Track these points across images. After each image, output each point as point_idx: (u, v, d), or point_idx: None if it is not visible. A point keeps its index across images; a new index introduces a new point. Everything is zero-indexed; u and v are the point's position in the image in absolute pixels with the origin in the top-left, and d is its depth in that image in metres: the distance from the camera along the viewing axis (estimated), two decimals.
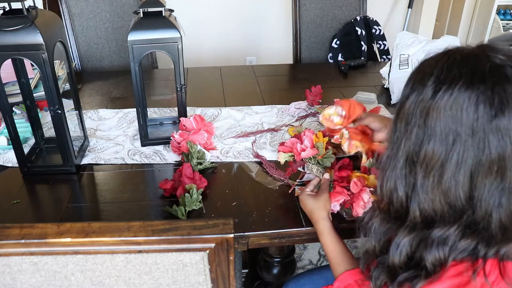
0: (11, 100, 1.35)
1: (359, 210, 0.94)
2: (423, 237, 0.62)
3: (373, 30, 2.15)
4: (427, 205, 0.61)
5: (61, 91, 1.21)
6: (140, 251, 0.61)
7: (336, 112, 1.04)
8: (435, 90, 0.59)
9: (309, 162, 1.04)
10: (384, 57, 2.19)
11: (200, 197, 1.00)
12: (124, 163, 1.19)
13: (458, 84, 0.57)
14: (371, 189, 0.96)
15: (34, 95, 1.24)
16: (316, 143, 1.05)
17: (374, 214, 0.71)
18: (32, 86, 1.38)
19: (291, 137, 1.12)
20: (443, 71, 0.59)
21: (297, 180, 1.07)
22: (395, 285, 0.65)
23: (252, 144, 1.27)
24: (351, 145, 1.02)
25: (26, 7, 0.98)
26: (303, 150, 1.03)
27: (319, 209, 0.92)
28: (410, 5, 2.94)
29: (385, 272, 0.67)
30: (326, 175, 1.00)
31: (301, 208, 0.98)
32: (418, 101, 0.60)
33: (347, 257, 0.84)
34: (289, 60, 2.26)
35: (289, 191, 1.05)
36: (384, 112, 1.47)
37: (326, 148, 1.06)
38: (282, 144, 1.10)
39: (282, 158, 1.08)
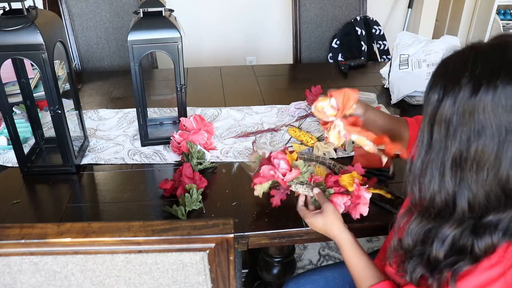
0: (11, 100, 1.35)
1: (364, 209, 0.92)
2: (472, 226, 0.63)
3: (373, 30, 2.15)
4: (480, 197, 0.61)
5: (61, 91, 1.21)
6: (140, 251, 0.61)
7: (330, 104, 0.97)
8: (474, 88, 0.58)
9: (292, 183, 0.96)
10: (384, 57, 2.19)
11: (200, 197, 1.00)
12: (124, 163, 1.19)
13: (499, 77, 0.56)
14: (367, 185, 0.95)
15: (34, 95, 1.24)
16: (292, 163, 0.96)
17: (411, 218, 0.70)
18: (32, 86, 1.38)
19: (257, 167, 1.00)
20: (477, 66, 0.58)
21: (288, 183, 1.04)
22: (435, 275, 0.65)
23: (252, 144, 1.27)
24: (340, 137, 0.95)
25: (26, 7, 0.98)
26: (284, 174, 0.94)
27: (332, 223, 0.87)
28: (410, 5, 2.94)
29: (423, 264, 0.67)
30: (316, 190, 0.93)
31: None
32: (457, 102, 0.59)
33: (371, 271, 0.81)
34: (289, 60, 2.26)
35: (289, 193, 1.05)
36: (384, 111, 1.47)
37: (296, 159, 0.99)
38: (256, 176, 0.97)
39: (260, 190, 0.97)
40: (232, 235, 0.61)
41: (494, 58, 0.58)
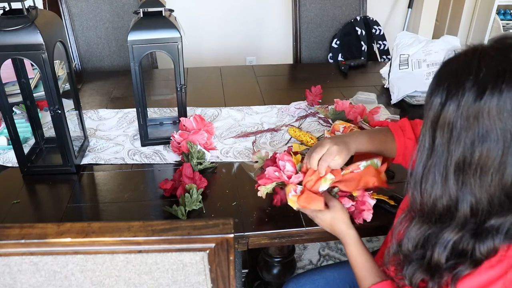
0: (11, 100, 1.35)
1: (367, 215, 0.92)
2: (473, 230, 0.62)
3: (373, 30, 2.16)
4: (484, 201, 0.60)
5: (61, 91, 1.21)
6: (140, 251, 0.61)
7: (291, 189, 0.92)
8: (479, 92, 0.57)
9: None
10: (384, 57, 2.19)
11: (200, 197, 1.00)
12: (124, 163, 1.19)
13: (505, 80, 0.56)
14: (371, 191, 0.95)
15: (34, 95, 1.24)
16: (298, 165, 0.96)
17: (411, 223, 0.69)
18: (32, 86, 1.38)
19: (260, 167, 1.00)
20: (481, 70, 0.57)
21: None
22: (436, 278, 0.65)
23: (252, 144, 1.27)
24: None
25: (26, 7, 0.98)
26: (290, 176, 0.94)
27: (339, 219, 0.87)
28: (410, 5, 2.94)
29: (423, 268, 0.67)
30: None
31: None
32: (461, 106, 0.58)
33: (373, 269, 0.82)
34: (289, 60, 2.26)
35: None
36: (384, 112, 1.47)
37: (302, 161, 0.97)
38: (260, 177, 0.97)
39: (264, 191, 0.96)
40: (232, 235, 0.61)
41: (499, 62, 0.57)
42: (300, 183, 0.93)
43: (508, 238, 0.60)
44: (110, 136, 1.32)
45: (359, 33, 2.10)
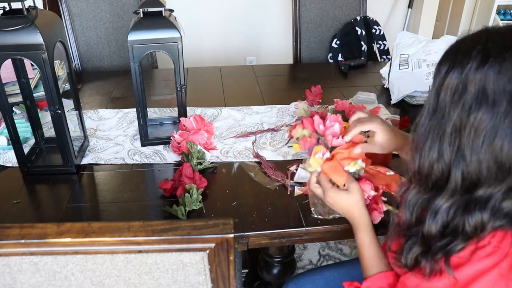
0: (11, 100, 1.35)
1: (377, 218, 0.90)
2: (463, 202, 0.64)
3: (373, 30, 2.16)
4: (474, 167, 0.62)
5: (61, 91, 1.21)
6: (140, 251, 0.61)
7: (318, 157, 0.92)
8: (483, 59, 0.60)
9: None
10: (384, 57, 2.19)
11: (200, 197, 1.00)
12: (124, 163, 1.19)
13: (509, 51, 0.58)
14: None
15: (34, 95, 1.24)
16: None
17: (409, 187, 0.71)
18: (32, 86, 1.38)
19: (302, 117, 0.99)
20: (489, 42, 0.61)
21: (290, 181, 1.06)
22: (429, 256, 0.66)
23: (252, 144, 1.27)
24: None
25: (26, 7, 0.98)
26: (335, 135, 0.91)
27: (356, 203, 0.86)
28: (410, 5, 2.94)
29: (418, 243, 0.68)
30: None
31: (301, 208, 0.98)
32: (465, 71, 0.61)
33: (381, 258, 0.82)
34: (289, 60, 2.26)
35: (288, 193, 1.05)
36: (384, 112, 1.47)
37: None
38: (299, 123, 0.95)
39: (297, 134, 0.94)
40: (232, 235, 0.61)
41: (507, 38, 0.60)
42: (331, 149, 0.92)
43: (496, 217, 0.62)
44: (110, 136, 1.32)
45: (359, 33, 2.10)
